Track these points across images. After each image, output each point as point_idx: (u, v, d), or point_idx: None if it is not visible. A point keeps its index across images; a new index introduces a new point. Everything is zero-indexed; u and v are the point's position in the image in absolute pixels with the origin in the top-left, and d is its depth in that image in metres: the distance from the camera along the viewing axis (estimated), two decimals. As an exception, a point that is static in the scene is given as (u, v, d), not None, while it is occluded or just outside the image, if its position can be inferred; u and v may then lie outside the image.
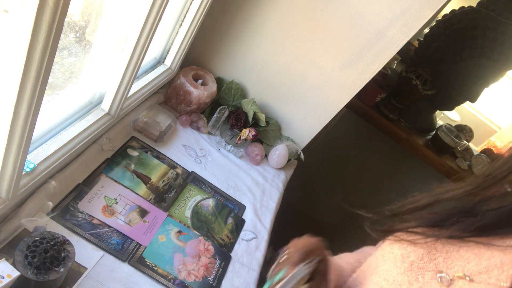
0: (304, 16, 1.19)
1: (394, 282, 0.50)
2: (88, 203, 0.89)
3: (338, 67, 1.22)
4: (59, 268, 0.66)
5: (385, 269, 0.53)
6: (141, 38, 0.86)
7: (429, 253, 0.50)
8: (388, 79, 1.94)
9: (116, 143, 1.05)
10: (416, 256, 0.51)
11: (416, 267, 0.50)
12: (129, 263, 0.85)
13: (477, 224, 0.47)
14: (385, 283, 0.51)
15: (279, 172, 1.36)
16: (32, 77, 0.52)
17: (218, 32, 1.31)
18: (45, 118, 0.82)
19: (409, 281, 0.49)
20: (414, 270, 0.49)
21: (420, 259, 0.50)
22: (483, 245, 0.47)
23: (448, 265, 0.48)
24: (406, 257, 0.51)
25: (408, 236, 0.53)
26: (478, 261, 0.46)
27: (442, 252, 0.49)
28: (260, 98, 1.38)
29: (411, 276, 0.49)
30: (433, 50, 1.72)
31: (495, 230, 0.46)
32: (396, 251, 0.53)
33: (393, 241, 0.55)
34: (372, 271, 0.56)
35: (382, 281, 0.52)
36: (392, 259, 0.53)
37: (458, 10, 1.66)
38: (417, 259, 0.50)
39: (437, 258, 0.49)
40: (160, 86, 1.21)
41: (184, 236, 0.97)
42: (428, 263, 0.49)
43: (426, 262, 0.49)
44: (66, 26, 0.74)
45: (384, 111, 1.81)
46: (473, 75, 1.65)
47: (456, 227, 0.48)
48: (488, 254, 0.46)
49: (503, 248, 0.45)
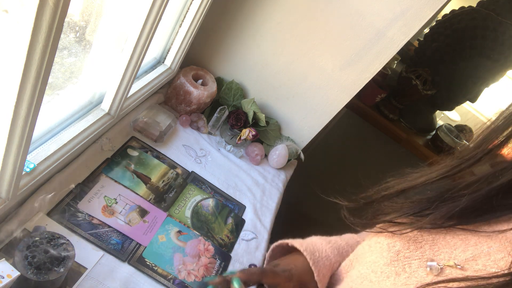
0: (304, 16, 1.19)
1: (382, 274, 0.50)
2: (88, 203, 0.89)
3: (338, 67, 1.22)
4: (59, 268, 0.66)
5: (372, 260, 0.53)
6: (141, 38, 0.86)
7: (415, 241, 0.50)
8: (388, 79, 1.94)
9: (116, 143, 1.05)
10: (402, 245, 0.50)
11: (403, 256, 0.49)
12: (129, 263, 0.85)
13: (454, 210, 0.47)
14: (373, 275, 0.51)
15: (279, 172, 1.36)
16: (32, 77, 0.52)
17: (218, 32, 1.31)
18: (45, 118, 0.82)
19: (396, 271, 0.48)
20: (401, 260, 0.49)
21: (406, 248, 0.50)
22: (469, 232, 0.47)
23: (434, 253, 0.47)
24: (392, 247, 0.51)
25: (391, 227, 0.52)
26: (465, 247, 0.45)
27: (428, 240, 0.49)
28: (260, 98, 1.38)
29: (398, 267, 0.49)
30: (433, 50, 1.72)
31: (475, 218, 0.46)
32: (382, 241, 0.53)
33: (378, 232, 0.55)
34: (359, 262, 0.56)
35: (370, 273, 0.51)
36: (379, 249, 0.53)
37: (458, 10, 1.66)
38: (403, 248, 0.50)
39: (423, 246, 0.49)
40: (160, 86, 1.21)
41: (184, 236, 0.97)
42: (415, 252, 0.49)
43: (412, 250, 0.49)
44: (66, 26, 0.74)
45: (384, 111, 1.81)
46: (473, 75, 1.65)
47: (436, 215, 0.48)
48: (475, 240, 0.45)
49: (489, 234, 0.45)
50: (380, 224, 0.55)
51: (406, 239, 0.50)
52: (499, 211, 0.46)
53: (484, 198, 0.45)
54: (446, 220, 0.48)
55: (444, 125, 1.85)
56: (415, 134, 1.84)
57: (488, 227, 0.46)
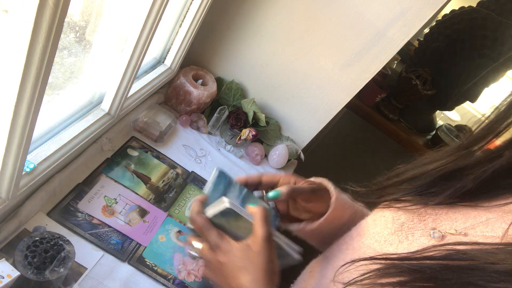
0: (304, 16, 1.19)
1: (385, 242, 0.51)
2: (88, 203, 0.89)
3: (338, 67, 1.22)
4: (59, 268, 0.66)
5: (376, 231, 0.54)
6: (141, 38, 0.86)
7: (419, 215, 0.52)
8: (388, 79, 1.94)
9: (116, 143, 1.05)
10: (406, 218, 0.52)
11: (407, 227, 0.51)
12: (129, 263, 0.85)
13: (461, 191, 0.49)
14: (376, 244, 0.52)
15: (279, 172, 1.36)
16: (32, 77, 0.52)
17: (218, 32, 1.31)
18: (45, 118, 0.82)
19: (399, 239, 0.50)
20: (404, 230, 0.51)
21: (410, 221, 0.52)
22: (470, 207, 0.49)
23: (437, 224, 0.50)
24: (396, 219, 0.53)
25: (397, 204, 0.55)
26: (465, 220, 0.48)
27: (431, 214, 0.51)
28: (260, 98, 1.38)
29: (402, 235, 0.51)
30: (433, 50, 1.72)
31: (479, 195, 0.49)
32: (387, 214, 0.55)
33: (384, 207, 0.57)
34: (363, 234, 0.57)
35: (374, 242, 0.53)
36: (383, 222, 0.55)
37: (458, 10, 1.66)
38: (407, 221, 0.52)
39: (426, 219, 0.51)
40: (160, 86, 1.21)
41: (184, 236, 0.97)
42: (418, 224, 0.51)
43: (416, 223, 0.51)
44: (66, 26, 0.74)
45: (384, 111, 1.81)
46: (473, 75, 1.65)
47: (442, 195, 0.51)
48: (475, 214, 0.48)
49: (489, 207, 0.48)
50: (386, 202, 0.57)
51: (410, 213, 0.53)
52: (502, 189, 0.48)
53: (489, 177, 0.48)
54: (451, 198, 0.50)
55: (444, 125, 1.85)
56: (415, 134, 1.84)
57: (488, 203, 0.48)
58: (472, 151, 0.50)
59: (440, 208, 0.51)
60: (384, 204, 0.57)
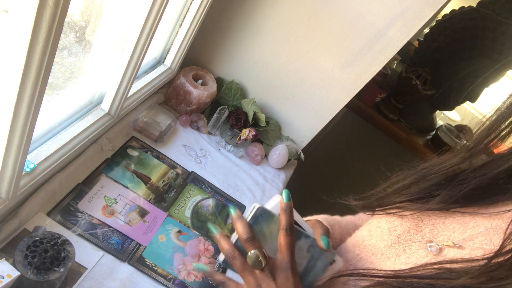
0: (304, 16, 1.19)
1: (383, 255, 0.51)
2: (88, 203, 0.89)
3: (338, 67, 1.22)
4: (59, 268, 0.66)
5: (372, 244, 0.54)
6: (141, 38, 0.86)
7: (415, 225, 0.51)
8: (388, 79, 1.94)
9: (116, 143, 1.05)
10: (403, 229, 0.52)
11: (403, 239, 0.50)
12: (129, 263, 0.85)
13: (459, 195, 0.49)
14: (373, 257, 0.52)
15: (279, 172, 1.36)
16: (32, 77, 0.52)
17: (218, 32, 1.31)
18: (45, 118, 0.82)
19: (397, 253, 0.50)
20: (401, 243, 0.50)
21: (407, 232, 0.51)
22: (468, 215, 0.48)
23: (434, 235, 0.49)
24: (393, 231, 0.52)
25: (393, 209, 0.54)
26: (463, 230, 0.47)
27: (428, 224, 0.50)
28: (260, 98, 1.38)
29: (399, 248, 0.50)
30: (433, 50, 1.72)
31: (478, 201, 0.48)
32: (383, 225, 0.54)
33: (380, 215, 0.56)
34: (357, 246, 0.56)
35: (371, 256, 0.52)
36: (379, 233, 0.54)
37: (458, 10, 1.66)
38: (404, 232, 0.51)
39: (423, 230, 0.50)
40: (160, 86, 1.21)
41: (184, 236, 0.97)
42: (415, 235, 0.50)
43: (412, 234, 0.50)
44: (66, 26, 0.74)
45: (384, 111, 1.81)
46: (473, 75, 1.64)
47: (440, 199, 0.50)
48: (473, 223, 0.47)
49: (487, 216, 0.47)
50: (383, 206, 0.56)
51: (406, 224, 0.52)
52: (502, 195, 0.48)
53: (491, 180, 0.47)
54: (451, 202, 0.50)
55: (444, 125, 1.85)
56: (415, 134, 1.84)
57: (486, 209, 0.48)
58: (475, 153, 0.49)
59: (438, 216, 0.50)
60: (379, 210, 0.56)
